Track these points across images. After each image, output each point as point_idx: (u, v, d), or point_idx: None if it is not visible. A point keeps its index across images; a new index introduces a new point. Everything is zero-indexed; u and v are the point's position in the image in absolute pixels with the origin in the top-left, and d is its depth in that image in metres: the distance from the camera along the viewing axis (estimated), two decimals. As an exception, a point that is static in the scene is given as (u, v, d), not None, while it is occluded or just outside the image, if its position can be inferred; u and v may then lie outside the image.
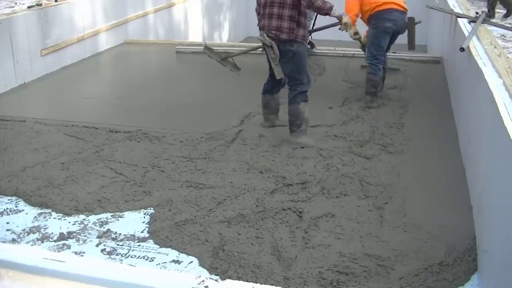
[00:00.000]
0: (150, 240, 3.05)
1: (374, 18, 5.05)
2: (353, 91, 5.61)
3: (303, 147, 4.11)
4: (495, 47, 3.95)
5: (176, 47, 7.52)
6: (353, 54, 6.91)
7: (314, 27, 6.55)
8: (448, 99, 5.37)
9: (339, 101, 5.32)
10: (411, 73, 6.27)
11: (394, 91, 5.58)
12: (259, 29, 4.27)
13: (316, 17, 6.38)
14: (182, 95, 5.62)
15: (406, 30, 5.26)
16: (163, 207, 3.36)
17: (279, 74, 4.21)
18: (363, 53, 5.66)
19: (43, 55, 6.28)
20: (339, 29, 4.52)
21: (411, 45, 5.44)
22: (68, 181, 3.69)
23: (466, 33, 4.44)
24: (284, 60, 4.16)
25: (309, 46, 6.67)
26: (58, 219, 3.29)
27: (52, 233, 3.13)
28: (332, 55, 7.02)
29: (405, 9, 5.10)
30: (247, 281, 2.59)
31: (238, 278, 2.64)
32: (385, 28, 5.01)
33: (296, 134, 4.23)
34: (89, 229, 3.17)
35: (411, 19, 5.26)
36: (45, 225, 3.22)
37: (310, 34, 6.33)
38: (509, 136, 2.33)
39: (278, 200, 3.41)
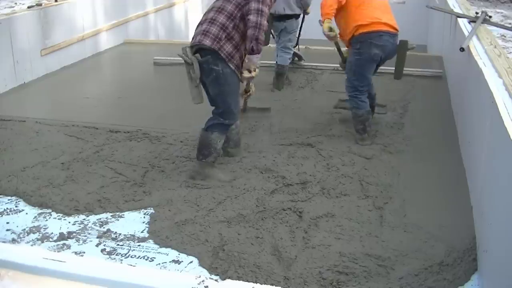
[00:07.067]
0: (150, 240, 3.05)
1: (359, 42, 4.16)
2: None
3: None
4: (495, 47, 3.95)
5: (154, 58, 6.93)
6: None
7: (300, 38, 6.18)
8: (448, 99, 5.37)
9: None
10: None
11: (394, 93, 5.58)
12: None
13: (301, 28, 6.05)
14: (182, 95, 5.61)
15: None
16: (163, 207, 3.36)
17: (196, 98, 3.66)
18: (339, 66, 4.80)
19: (43, 55, 6.28)
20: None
21: (397, 74, 4.52)
22: (68, 181, 3.70)
23: (466, 33, 4.44)
24: (208, 80, 3.62)
25: (296, 58, 6.35)
26: (58, 219, 3.29)
27: (52, 233, 3.13)
28: (323, 68, 6.45)
29: (396, 30, 4.24)
30: (247, 281, 2.59)
31: (238, 278, 2.64)
32: (372, 56, 4.16)
33: (200, 164, 3.71)
34: (89, 229, 3.17)
35: (403, 43, 4.33)
36: (45, 225, 3.22)
37: (296, 46, 6.16)
38: (509, 136, 2.33)
39: (278, 200, 3.41)
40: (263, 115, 4.89)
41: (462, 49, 4.09)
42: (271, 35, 5.91)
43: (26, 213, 3.36)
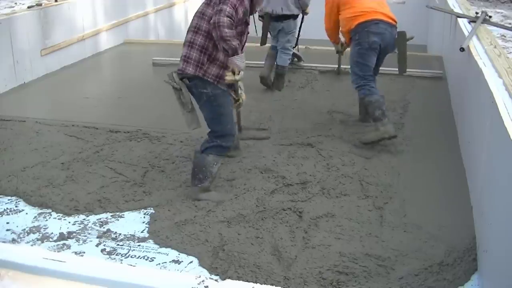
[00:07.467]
0: (150, 240, 3.05)
1: (357, 32, 4.23)
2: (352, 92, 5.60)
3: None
4: (495, 47, 3.95)
5: (153, 58, 6.87)
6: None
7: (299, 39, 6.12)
8: (448, 99, 5.37)
9: (338, 103, 5.32)
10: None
11: (394, 93, 5.58)
12: None
13: (300, 29, 5.98)
14: (182, 95, 5.61)
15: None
16: (163, 207, 3.36)
17: (191, 124, 3.45)
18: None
19: (43, 55, 6.28)
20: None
21: (401, 68, 4.50)
22: (68, 181, 3.70)
23: (466, 33, 4.44)
24: (200, 103, 3.44)
25: (295, 59, 6.34)
26: (58, 219, 3.29)
27: (52, 233, 3.14)
28: (323, 68, 6.37)
29: (394, 21, 4.28)
30: (247, 281, 2.59)
31: (238, 278, 2.64)
32: (370, 44, 4.18)
33: (194, 190, 3.45)
34: (89, 229, 3.17)
35: (402, 34, 4.36)
36: (45, 225, 3.22)
37: (295, 47, 6.15)
38: (509, 136, 2.33)
39: (278, 200, 3.41)
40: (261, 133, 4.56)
41: (462, 49, 4.10)
42: (269, 35, 5.90)
43: (26, 213, 3.36)
